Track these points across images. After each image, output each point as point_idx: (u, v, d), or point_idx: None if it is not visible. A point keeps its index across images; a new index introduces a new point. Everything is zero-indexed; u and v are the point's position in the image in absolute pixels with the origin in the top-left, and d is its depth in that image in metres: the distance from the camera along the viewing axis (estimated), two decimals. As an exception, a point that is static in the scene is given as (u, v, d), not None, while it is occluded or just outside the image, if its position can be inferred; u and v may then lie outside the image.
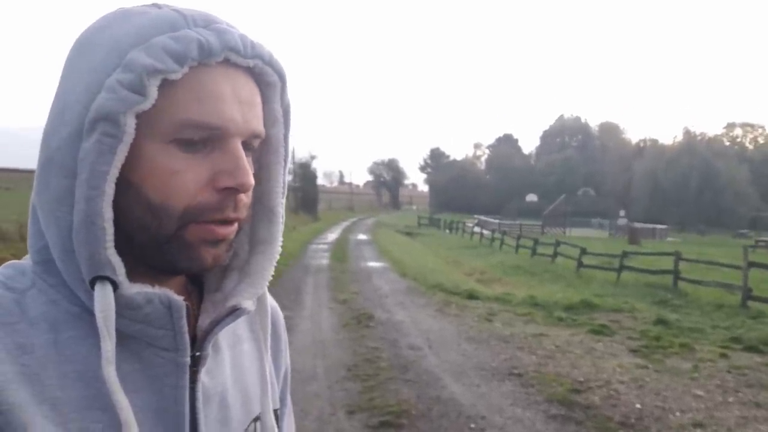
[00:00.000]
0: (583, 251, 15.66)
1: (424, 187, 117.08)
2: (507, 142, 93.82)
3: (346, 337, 6.98)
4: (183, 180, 0.55)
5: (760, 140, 76.52)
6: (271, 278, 0.68)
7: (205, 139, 0.55)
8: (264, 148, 0.65)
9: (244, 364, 0.71)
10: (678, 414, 4.62)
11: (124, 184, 0.54)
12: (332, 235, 28.39)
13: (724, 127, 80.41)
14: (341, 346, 6.56)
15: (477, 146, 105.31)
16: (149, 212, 0.55)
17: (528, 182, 73.37)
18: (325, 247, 21.34)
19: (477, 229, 33.48)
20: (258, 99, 0.60)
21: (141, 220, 0.55)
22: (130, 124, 0.52)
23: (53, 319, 0.55)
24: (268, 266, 0.67)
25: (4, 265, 0.60)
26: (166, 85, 0.53)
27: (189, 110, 0.54)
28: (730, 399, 4.98)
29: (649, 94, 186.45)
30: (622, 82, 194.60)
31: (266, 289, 0.69)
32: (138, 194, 0.55)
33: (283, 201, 0.68)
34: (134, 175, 0.54)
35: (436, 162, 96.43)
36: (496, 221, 40.75)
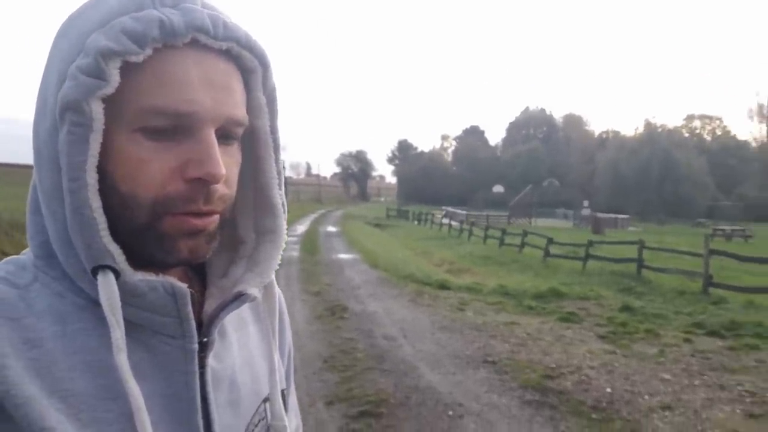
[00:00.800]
0: (550, 241, 15.96)
1: (392, 179, 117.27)
2: (474, 134, 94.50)
3: (320, 329, 6.98)
4: (150, 170, 0.53)
5: (718, 132, 78.76)
6: (277, 267, 0.68)
7: (174, 127, 0.53)
8: (253, 141, 0.64)
9: (251, 346, 0.72)
10: (647, 397, 4.77)
11: (101, 173, 0.53)
12: (301, 227, 28.19)
13: (684, 119, 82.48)
14: (316, 337, 6.55)
15: (444, 138, 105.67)
16: (121, 202, 0.54)
17: (494, 173, 74.18)
18: (295, 239, 21.18)
19: (445, 221, 33.75)
20: (236, 84, 0.57)
21: (117, 210, 0.54)
22: (97, 110, 0.50)
23: (60, 311, 0.55)
24: (275, 254, 0.67)
25: (3, 261, 0.59)
26: (130, 70, 0.51)
27: (152, 96, 0.51)
28: (696, 382, 5.16)
29: (612, 86, 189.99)
30: (586, 75, 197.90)
31: (273, 277, 0.69)
32: (112, 184, 0.53)
33: (281, 192, 0.67)
34: (108, 164, 0.53)
35: (404, 154, 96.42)
36: (464, 212, 41.13)
